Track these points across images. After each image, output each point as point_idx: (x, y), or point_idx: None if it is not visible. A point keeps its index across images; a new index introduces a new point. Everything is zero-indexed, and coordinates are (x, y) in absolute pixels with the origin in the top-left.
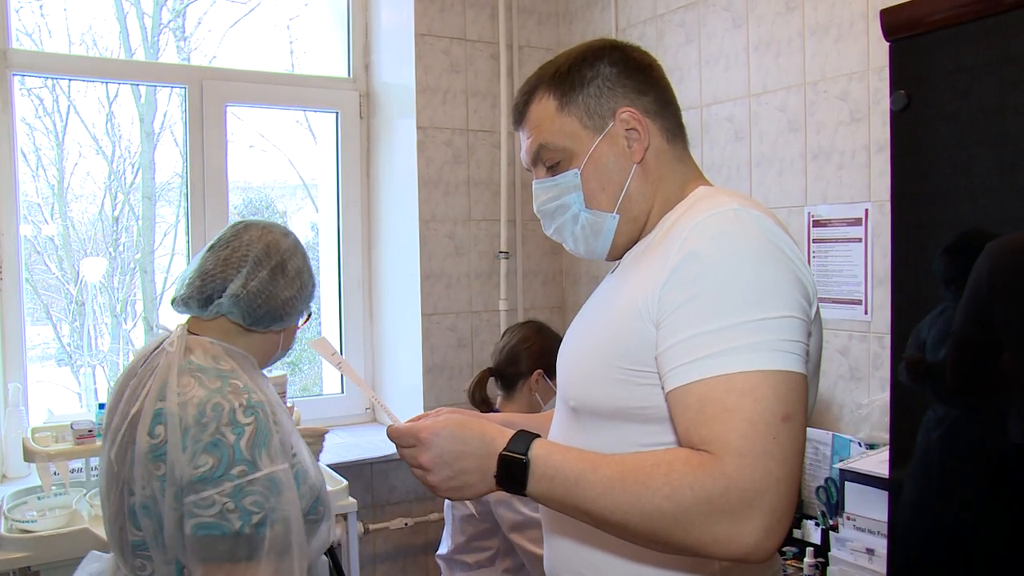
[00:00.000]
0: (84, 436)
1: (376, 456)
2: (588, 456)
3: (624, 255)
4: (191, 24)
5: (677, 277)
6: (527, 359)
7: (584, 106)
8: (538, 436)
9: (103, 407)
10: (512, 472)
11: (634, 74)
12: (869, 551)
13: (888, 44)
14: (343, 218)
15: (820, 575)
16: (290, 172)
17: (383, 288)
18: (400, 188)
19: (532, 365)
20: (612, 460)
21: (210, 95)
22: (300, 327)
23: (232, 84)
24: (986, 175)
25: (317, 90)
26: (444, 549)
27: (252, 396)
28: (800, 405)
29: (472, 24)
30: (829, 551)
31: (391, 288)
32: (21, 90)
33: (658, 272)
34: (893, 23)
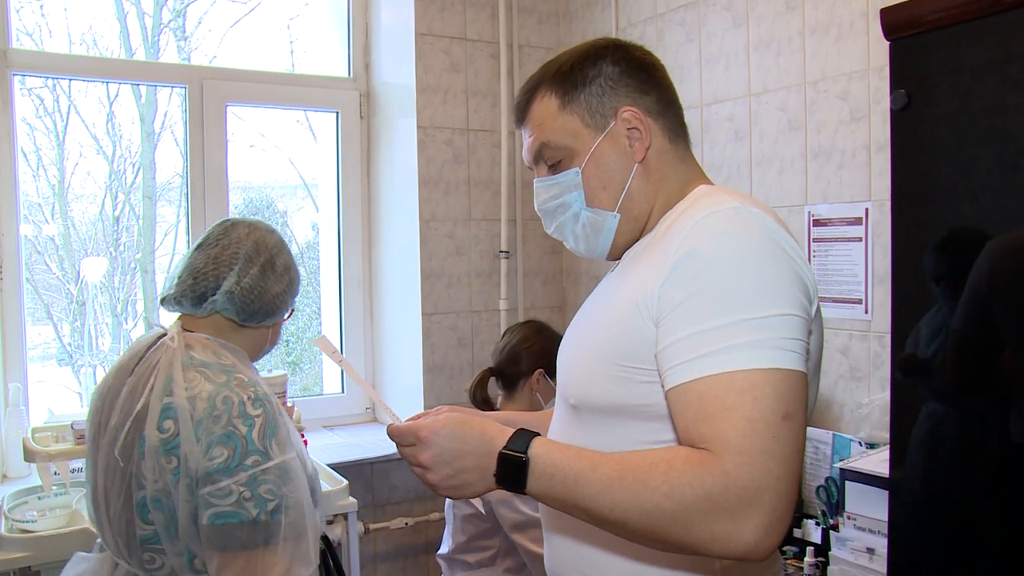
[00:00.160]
0: (84, 436)
1: (376, 456)
2: (588, 454)
3: (625, 254)
4: (191, 24)
5: (677, 275)
6: (528, 359)
7: (586, 105)
8: (538, 434)
9: None
10: (512, 470)
11: (636, 73)
12: (869, 550)
13: (888, 43)
14: (343, 218)
15: (821, 574)
16: (290, 172)
17: (383, 287)
18: (400, 188)
19: (533, 365)
20: (611, 458)
21: (210, 95)
22: (284, 322)
23: (232, 84)
24: (986, 174)
25: (317, 90)
26: (445, 549)
27: (258, 389)
28: (800, 403)
29: (472, 23)
30: (830, 550)
31: (391, 287)
32: (21, 90)
33: (658, 270)
34: (893, 22)
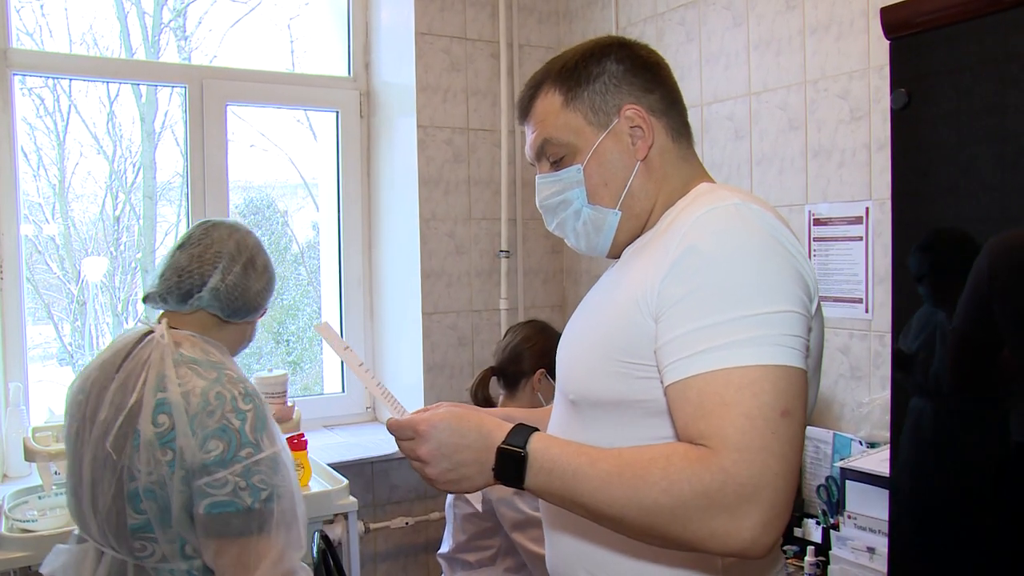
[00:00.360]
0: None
1: (377, 455)
2: (586, 450)
3: (625, 250)
4: (192, 23)
5: (677, 271)
6: (529, 358)
7: (589, 102)
8: (536, 430)
9: None
10: (510, 465)
11: (641, 72)
12: (870, 550)
13: (888, 42)
14: (344, 217)
15: (821, 574)
16: (291, 171)
17: (384, 287)
18: (400, 187)
19: (534, 364)
20: (610, 454)
21: (210, 94)
22: (260, 318)
23: (232, 83)
24: (987, 173)
25: (317, 89)
26: (445, 548)
27: (247, 385)
28: (800, 400)
29: (472, 23)
30: (830, 550)
31: (392, 287)
32: (22, 89)
33: (658, 266)
34: (893, 21)
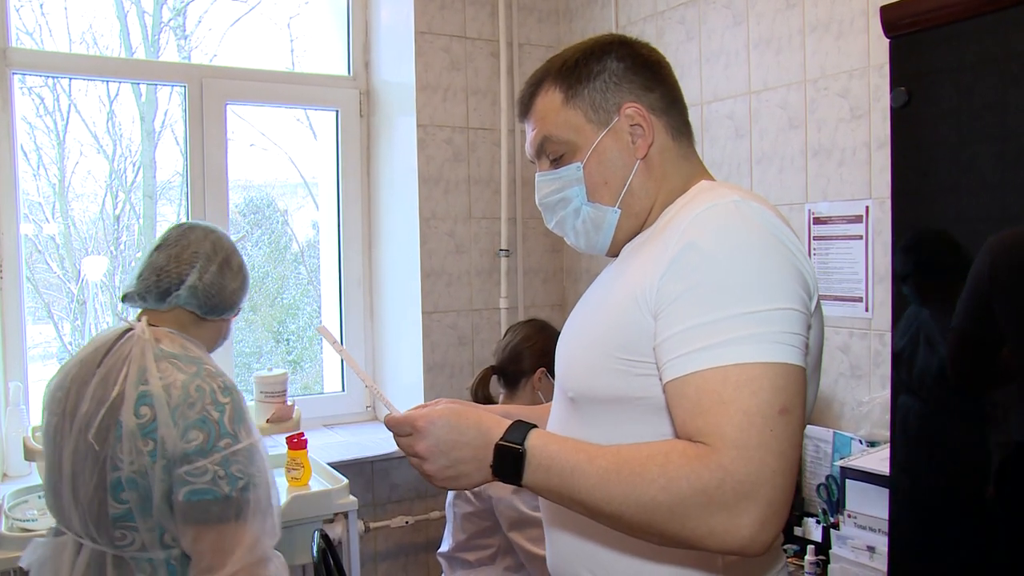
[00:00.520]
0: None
1: (377, 454)
2: (584, 447)
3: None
4: (191, 23)
5: (676, 268)
6: (530, 357)
7: (590, 100)
8: (535, 426)
9: None
10: (508, 462)
11: (641, 70)
12: (870, 549)
13: (888, 41)
14: (343, 216)
15: (821, 573)
16: (291, 170)
17: (383, 286)
18: (400, 186)
19: (535, 364)
20: (608, 451)
21: (210, 93)
22: (234, 318)
23: (232, 82)
24: (987, 172)
25: (317, 88)
26: (445, 547)
27: (225, 379)
28: (798, 398)
29: (472, 22)
30: (830, 549)
31: (391, 286)
32: (22, 89)
33: (657, 263)
34: (893, 20)
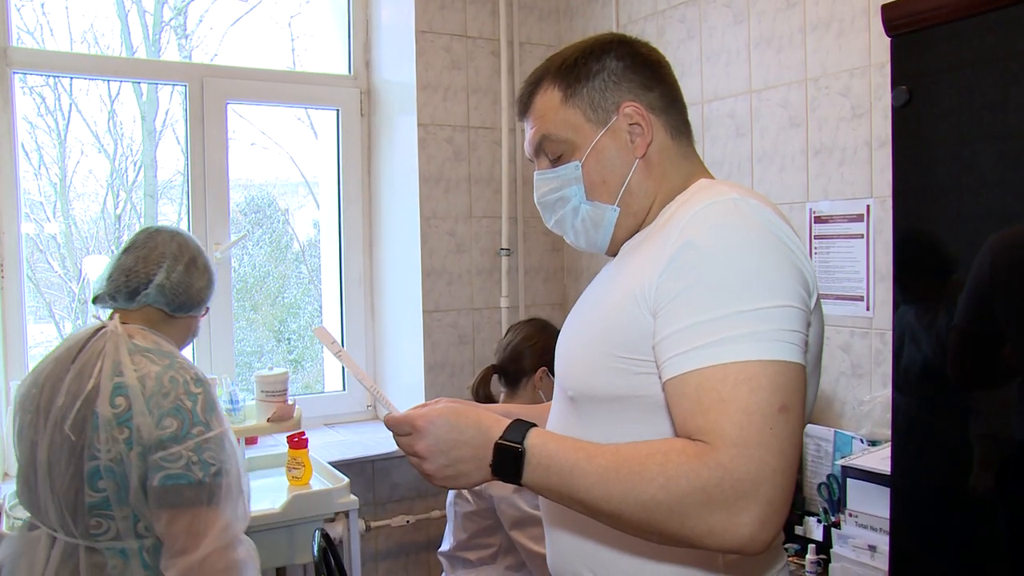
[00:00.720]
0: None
1: (378, 453)
2: (584, 445)
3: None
4: (192, 22)
5: (675, 266)
6: (531, 357)
7: (588, 99)
8: (534, 425)
9: None
10: (507, 461)
11: (641, 69)
12: (871, 548)
13: (889, 39)
14: (344, 215)
15: (822, 572)
16: (291, 169)
17: (384, 285)
18: (401, 185)
19: (536, 363)
20: (608, 450)
21: (211, 92)
22: (203, 316)
23: (233, 82)
24: (988, 170)
25: (318, 87)
26: (446, 546)
27: (197, 371)
28: (798, 396)
29: (473, 20)
30: (831, 548)
31: (392, 285)
32: (23, 88)
33: (656, 261)
34: (894, 18)
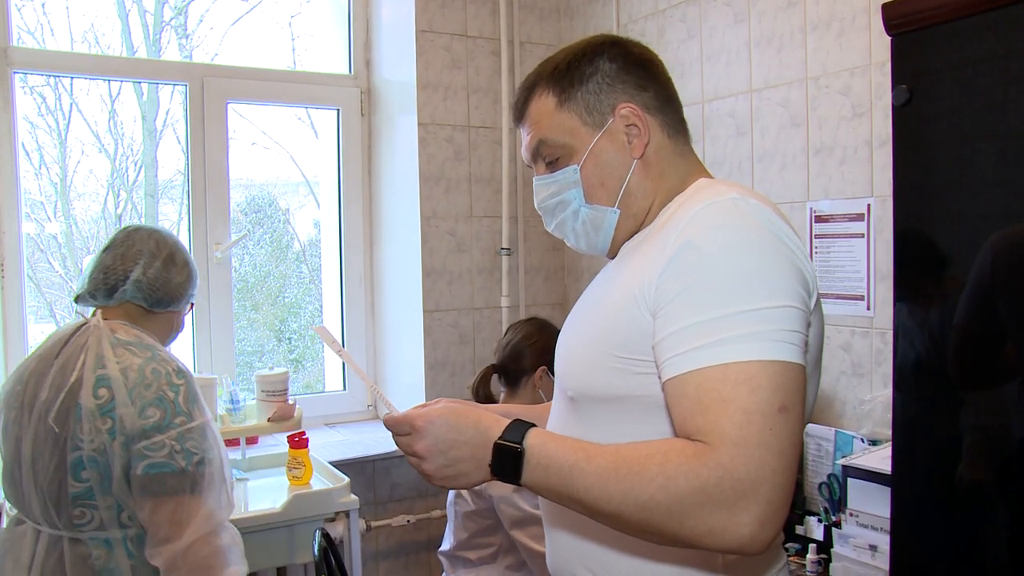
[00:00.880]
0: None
1: (378, 453)
2: (583, 446)
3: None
4: (193, 21)
5: (674, 266)
6: (531, 356)
7: (583, 102)
8: (534, 425)
9: None
10: (507, 461)
11: (634, 70)
12: (872, 547)
13: (890, 39)
14: (345, 215)
15: (823, 572)
16: (292, 169)
17: (385, 285)
18: (401, 185)
19: (536, 362)
20: (607, 450)
21: (211, 92)
22: (187, 313)
23: (233, 81)
24: (989, 169)
25: (318, 87)
26: (447, 546)
27: (179, 363)
28: (798, 396)
29: (473, 20)
30: (832, 547)
31: (393, 285)
32: (23, 88)
33: (655, 261)
34: (895, 17)
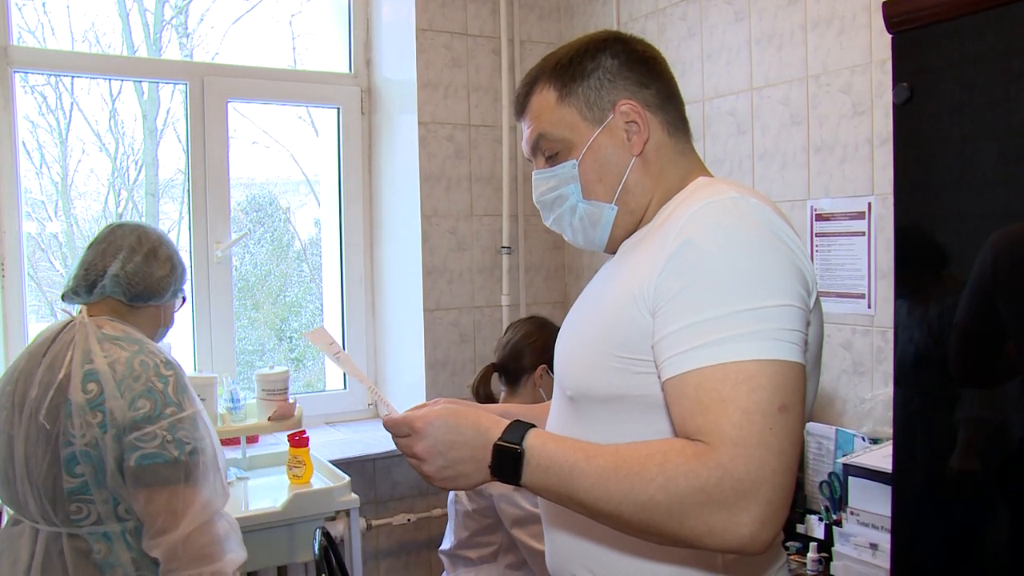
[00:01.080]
0: None
1: (378, 452)
2: (583, 446)
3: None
4: (193, 20)
5: (674, 265)
6: (531, 355)
7: (584, 98)
8: (533, 426)
9: None
10: (506, 462)
11: (636, 67)
12: (873, 546)
13: (891, 37)
14: (345, 214)
15: (824, 570)
16: (292, 168)
17: (385, 284)
18: (402, 183)
19: (536, 361)
20: (607, 450)
21: (212, 91)
22: (178, 308)
23: (234, 80)
24: (990, 168)
25: (319, 86)
26: (447, 545)
27: (166, 355)
28: (798, 395)
29: (473, 19)
30: (833, 546)
31: (393, 284)
32: (24, 87)
33: (655, 260)
34: (895, 15)
